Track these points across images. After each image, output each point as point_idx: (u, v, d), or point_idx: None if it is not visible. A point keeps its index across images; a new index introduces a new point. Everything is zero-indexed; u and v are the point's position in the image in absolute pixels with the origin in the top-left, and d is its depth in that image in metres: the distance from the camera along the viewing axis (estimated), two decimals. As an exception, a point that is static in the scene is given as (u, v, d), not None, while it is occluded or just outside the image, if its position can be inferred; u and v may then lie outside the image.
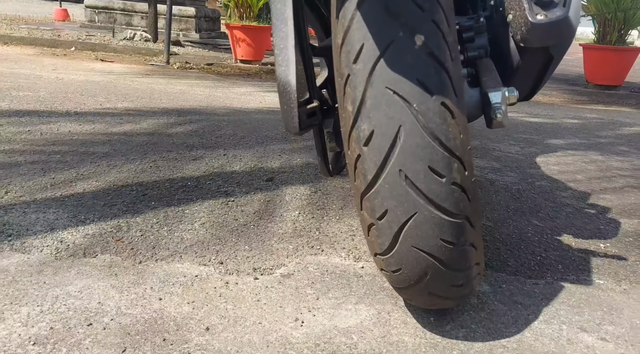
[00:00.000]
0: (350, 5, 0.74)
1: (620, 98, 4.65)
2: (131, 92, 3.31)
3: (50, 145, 1.91)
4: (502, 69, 1.09)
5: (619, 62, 4.72)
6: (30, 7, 16.10)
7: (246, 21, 5.88)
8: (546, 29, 0.98)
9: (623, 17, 4.57)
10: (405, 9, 0.71)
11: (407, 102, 0.70)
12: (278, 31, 0.78)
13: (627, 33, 4.72)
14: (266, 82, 4.76)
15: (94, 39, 6.33)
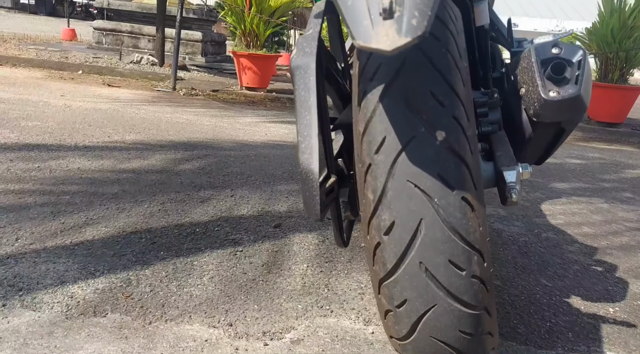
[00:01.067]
0: (373, 97, 0.75)
1: (622, 135, 4.68)
2: (138, 123, 3.33)
3: (60, 185, 1.91)
4: (514, 139, 1.11)
5: (621, 100, 4.76)
6: (38, 24, 16.29)
7: (253, 49, 5.94)
8: (558, 106, 1.00)
9: (625, 56, 4.64)
10: (426, 105, 0.73)
11: (428, 196, 0.71)
12: (302, 118, 0.79)
13: (628, 72, 4.78)
14: (271, 111, 4.80)
15: (101, 61, 6.39)
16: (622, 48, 4.58)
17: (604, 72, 4.84)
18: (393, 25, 0.61)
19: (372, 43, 0.62)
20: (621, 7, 4.63)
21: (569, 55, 1.05)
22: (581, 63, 1.04)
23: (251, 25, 5.90)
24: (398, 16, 0.61)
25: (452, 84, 0.74)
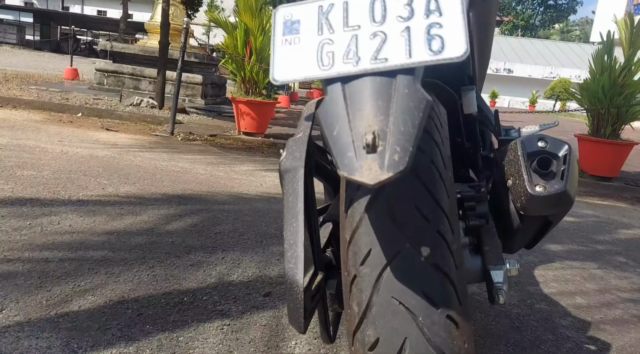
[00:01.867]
0: (359, 207, 0.76)
1: (615, 190, 4.71)
2: (133, 171, 3.34)
3: (49, 246, 1.90)
4: (502, 229, 1.11)
5: (614, 155, 4.82)
6: (41, 62, 16.58)
7: (252, 96, 6.03)
8: (545, 201, 1.01)
9: (616, 112, 4.72)
10: (411, 219, 0.73)
11: (413, 314, 0.71)
12: (288, 225, 0.79)
13: (620, 127, 4.85)
14: (268, 158, 4.82)
15: (101, 103, 6.47)
16: (613, 104, 4.67)
17: (596, 126, 4.92)
18: (376, 159, 0.62)
19: (355, 176, 0.62)
20: (611, 65, 4.75)
21: (554, 149, 1.07)
22: (567, 157, 1.05)
23: (251, 73, 6.01)
24: (381, 151, 0.62)
25: (437, 198, 0.75)
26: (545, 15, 62.38)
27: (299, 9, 0.77)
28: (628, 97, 4.71)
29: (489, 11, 1.27)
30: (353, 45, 0.72)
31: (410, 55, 0.69)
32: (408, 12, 0.71)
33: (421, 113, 0.66)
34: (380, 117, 0.66)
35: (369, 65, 0.70)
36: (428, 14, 0.70)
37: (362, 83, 0.70)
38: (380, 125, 0.65)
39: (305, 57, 0.74)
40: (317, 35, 0.74)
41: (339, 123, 0.68)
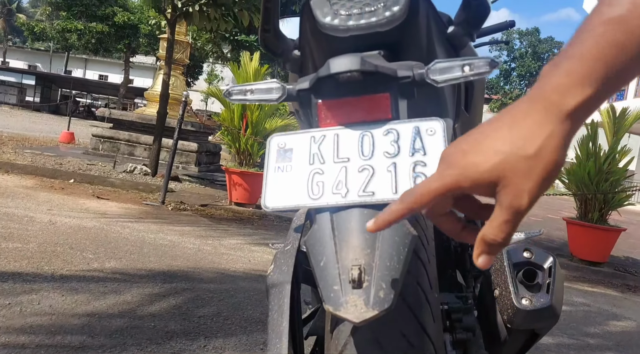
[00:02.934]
0: (345, 330, 0.75)
1: (605, 276, 4.70)
2: (121, 245, 3.31)
3: (27, 330, 1.84)
4: (488, 340, 1.10)
5: (602, 240, 4.85)
6: (39, 124, 16.80)
7: (245, 167, 6.11)
8: (531, 315, 1.01)
9: (603, 198, 4.80)
10: (396, 346, 0.73)
11: None
12: (272, 345, 0.78)
13: (607, 213, 4.92)
14: (257, 231, 4.80)
15: (94, 169, 6.50)
16: (600, 190, 4.77)
17: (584, 211, 4.99)
18: (362, 295, 0.63)
19: (341, 311, 0.63)
20: (596, 152, 4.89)
21: (540, 261, 1.09)
22: (552, 270, 1.07)
23: (246, 145, 6.13)
24: (366, 287, 0.63)
25: (423, 323, 0.75)
26: (532, 95, 64.67)
27: (293, 138, 0.81)
28: (613, 184, 4.81)
29: (473, 120, 1.32)
30: (342, 176, 0.74)
31: (396, 191, 0.71)
32: (394, 149, 0.75)
33: (406, 248, 0.68)
34: (366, 251, 0.67)
35: (356, 197, 0.72)
36: (413, 152, 0.74)
37: (350, 215, 0.72)
38: (366, 259, 0.66)
39: (296, 185, 0.76)
40: (308, 165, 0.77)
41: (326, 254, 0.70)
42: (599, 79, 0.45)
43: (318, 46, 0.95)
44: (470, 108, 1.26)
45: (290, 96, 0.84)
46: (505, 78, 64.65)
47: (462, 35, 1.01)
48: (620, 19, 0.44)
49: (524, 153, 0.47)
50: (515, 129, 0.48)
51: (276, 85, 0.85)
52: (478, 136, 0.51)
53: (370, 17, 0.85)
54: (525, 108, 0.49)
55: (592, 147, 4.95)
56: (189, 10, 6.71)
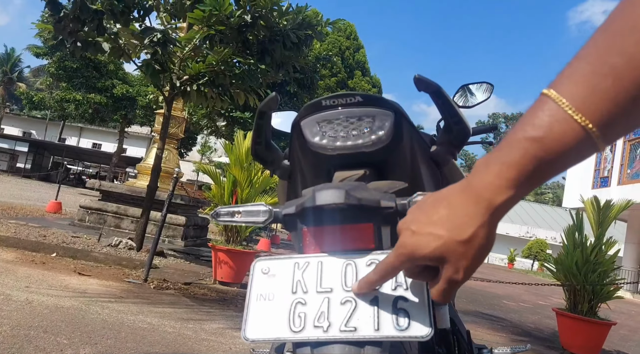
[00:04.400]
0: None
1: (598, 373, 4.57)
2: (98, 328, 3.19)
3: None
4: None
5: (593, 333, 4.76)
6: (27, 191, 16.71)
7: (232, 245, 6.05)
8: None
9: (592, 289, 4.77)
10: None
11: None
12: None
13: (597, 305, 4.86)
14: (241, 313, 4.64)
15: (78, 242, 6.39)
16: (588, 281, 4.74)
17: (573, 302, 4.93)
18: None
19: None
20: (583, 242, 4.92)
21: None
22: None
23: (233, 223, 6.10)
24: None
25: None
26: (518, 178, 66.03)
27: (277, 264, 0.81)
28: (602, 275, 4.80)
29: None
30: (325, 308, 0.74)
31: (378, 328, 0.71)
32: None
33: None
34: None
35: (338, 333, 0.72)
36: (395, 286, 0.74)
37: (331, 351, 0.71)
38: None
39: (277, 316, 0.76)
40: (291, 294, 0.77)
41: None
42: (521, 184, 0.57)
43: (307, 161, 0.99)
44: None
45: (277, 219, 0.86)
46: (492, 159, 66.08)
47: (444, 153, 1.05)
48: (540, 139, 0.55)
49: (460, 239, 0.59)
50: (452, 218, 0.60)
51: (263, 208, 0.87)
52: (423, 218, 0.63)
53: (357, 140, 0.89)
54: (460, 200, 0.61)
55: (578, 236, 4.99)
56: (186, 89, 6.93)
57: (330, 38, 27.17)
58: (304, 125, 0.95)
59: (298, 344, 0.74)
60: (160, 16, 7.24)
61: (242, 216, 0.88)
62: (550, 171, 0.56)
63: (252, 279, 0.81)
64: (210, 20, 6.13)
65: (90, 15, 5.98)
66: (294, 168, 1.06)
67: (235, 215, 0.89)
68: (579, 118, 0.53)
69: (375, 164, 0.94)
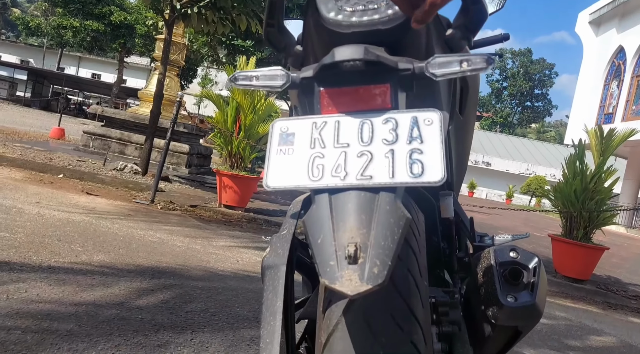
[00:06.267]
0: (336, 310, 0.78)
1: (587, 293, 4.76)
2: (109, 239, 3.30)
3: (13, 316, 1.84)
4: (473, 336, 1.13)
5: (586, 258, 4.92)
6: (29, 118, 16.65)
7: (236, 170, 6.12)
8: (515, 312, 1.05)
9: (588, 216, 4.88)
10: (386, 328, 0.76)
11: None
12: (266, 323, 0.81)
13: (592, 231, 4.99)
14: (246, 233, 4.81)
15: (84, 166, 6.47)
16: (585, 208, 4.84)
17: (569, 228, 5.06)
18: (357, 270, 0.66)
19: (336, 285, 0.66)
20: (583, 171, 4.98)
21: (525, 261, 1.12)
22: (536, 270, 1.10)
23: (238, 148, 6.14)
24: (361, 262, 0.66)
25: (412, 308, 0.78)
26: (522, 115, 65.68)
27: (295, 123, 0.84)
28: (599, 202, 4.89)
29: (467, 123, 1.37)
30: (342, 161, 0.78)
31: (392, 175, 0.75)
32: (393, 136, 0.78)
33: (400, 229, 0.71)
34: (362, 230, 0.70)
35: (355, 180, 0.76)
36: (411, 140, 0.77)
37: (348, 197, 0.75)
38: (362, 238, 0.69)
39: (297, 167, 0.79)
40: (309, 149, 0.80)
41: (323, 232, 0.73)
42: None
43: (321, 41, 0.98)
44: (464, 111, 1.31)
45: (293, 83, 0.87)
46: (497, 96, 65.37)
47: (459, 38, 1.05)
48: None
49: None
50: None
51: (281, 72, 0.88)
52: None
53: (373, 15, 0.88)
54: None
55: (579, 165, 5.04)
56: (187, 12, 6.74)
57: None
58: (319, 0, 0.94)
59: (316, 191, 0.78)
60: None
61: (259, 81, 0.90)
62: None
63: (271, 137, 0.84)
64: (212, -64, 5.86)
65: None
66: (307, 54, 1.05)
67: (252, 79, 0.90)
68: None
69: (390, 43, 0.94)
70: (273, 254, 0.87)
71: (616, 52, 19.59)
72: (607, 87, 20.12)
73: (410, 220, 0.73)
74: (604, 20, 20.36)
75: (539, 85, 63.99)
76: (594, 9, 20.76)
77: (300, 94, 0.91)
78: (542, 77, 63.60)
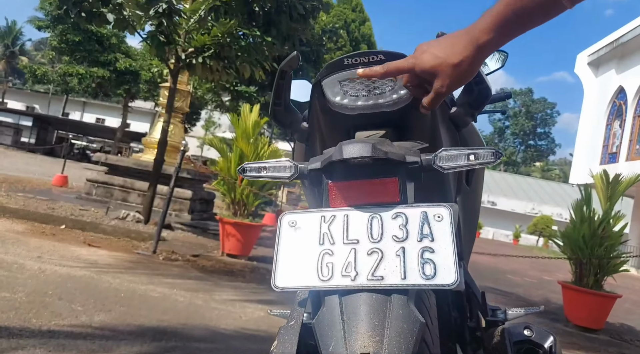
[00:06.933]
0: None
1: (601, 344, 4.62)
2: (110, 296, 3.23)
3: (10, 389, 1.77)
4: None
5: (598, 306, 4.80)
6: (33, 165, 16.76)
7: (239, 218, 6.08)
8: None
9: (598, 263, 4.79)
10: None
11: None
12: None
13: (602, 278, 4.89)
14: (249, 284, 4.72)
15: (86, 215, 6.44)
16: (595, 255, 4.76)
17: (579, 275, 4.96)
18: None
19: None
20: (590, 216, 4.92)
21: (540, 339, 1.08)
22: (552, 349, 1.06)
23: (241, 196, 6.12)
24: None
25: None
26: (526, 154, 66.08)
27: (303, 217, 0.82)
28: (608, 248, 4.82)
29: (474, 193, 1.35)
30: (352, 258, 0.75)
31: (404, 276, 0.72)
32: (403, 233, 0.76)
33: (414, 336, 0.68)
34: (375, 338, 0.67)
35: (365, 281, 0.73)
36: (421, 237, 0.75)
37: (359, 299, 0.72)
38: (375, 347, 0.66)
39: (306, 265, 0.77)
40: (318, 245, 0.78)
41: (334, 338, 0.70)
42: (499, 29, 0.81)
43: (327, 121, 0.99)
44: (471, 181, 1.29)
45: (302, 174, 0.86)
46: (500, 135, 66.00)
47: (464, 115, 1.05)
48: None
49: (451, 62, 0.83)
50: (451, 46, 0.84)
51: (288, 163, 0.88)
52: (434, 44, 0.86)
53: (378, 99, 0.90)
54: (460, 36, 0.85)
55: (586, 210, 4.99)
56: (192, 62, 6.87)
57: (335, 10, 26.82)
58: (325, 84, 0.96)
59: (326, 292, 0.76)
60: (165, -14, 7.13)
61: (267, 172, 0.89)
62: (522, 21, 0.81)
63: (279, 232, 0.83)
64: (216, -9, 6.04)
65: (95, -16, 5.89)
66: (312, 130, 1.06)
67: (261, 171, 0.90)
68: None
69: (395, 124, 0.94)
70: (281, 347, 0.83)
71: (617, 92, 19.83)
72: (610, 127, 20.27)
73: (424, 324, 0.70)
74: (603, 61, 20.69)
75: (541, 123, 64.66)
76: (592, 51, 21.12)
77: (308, 184, 0.91)
78: (544, 116, 64.34)
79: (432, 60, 0.83)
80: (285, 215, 0.84)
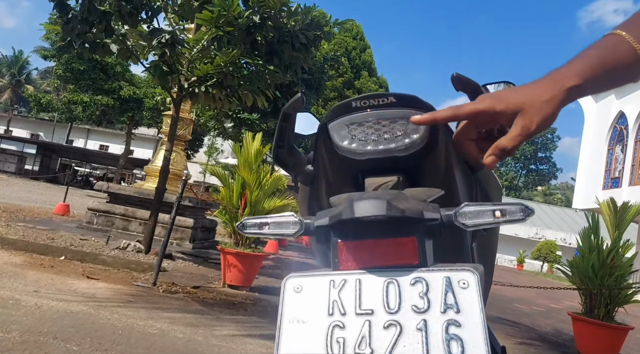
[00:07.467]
0: None
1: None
2: (108, 333, 3.13)
3: None
4: None
5: (610, 338, 4.66)
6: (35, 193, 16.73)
7: (241, 248, 5.98)
8: None
9: (608, 293, 4.67)
10: None
11: None
12: None
13: (614, 309, 4.76)
14: (251, 318, 4.60)
15: (86, 245, 6.36)
16: (605, 285, 4.64)
17: (590, 306, 4.83)
18: None
19: None
20: (599, 245, 4.82)
21: None
22: None
23: (242, 225, 6.03)
24: None
25: None
26: (527, 178, 65.90)
27: (310, 281, 0.74)
28: (619, 279, 4.70)
29: (490, 238, 1.27)
30: (366, 332, 0.67)
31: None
32: (424, 303, 0.68)
33: None
34: None
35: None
36: (445, 308, 0.67)
37: None
38: None
39: (313, 341, 0.68)
40: (327, 316, 0.70)
41: None
42: (588, 77, 0.79)
43: (333, 166, 0.93)
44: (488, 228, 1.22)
45: (307, 231, 0.79)
46: (500, 160, 65.84)
47: None
48: (607, 51, 0.81)
49: (540, 99, 0.77)
50: (536, 88, 0.78)
51: (293, 218, 0.80)
52: (504, 92, 0.80)
53: (389, 144, 0.83)
54: (540, 82, 0.80)
55: (594, 239, 4.89)
56: (194, 91, 6.88)
57: (336, 38, 27.13)
58: (331, 127, 0.89)
59: None
60: (168, 17, 7.20)
61: (270, 228, 0.81)
62: (608, 75, 0.80)
63: (283, 298, 0.74)
64: (219, 21, 6.08)
65: (99, 16, 5.94)
66: (318, 174, 1.00)
67: (263, 227, 0.82)
68: (637, 46, 0.80)
69: (407, 169, 0.87)
70: None
71: (617, 117, 19.86)
72: (612, 152, 20.22)
73: None
74: (602, 87, 20.78)
75: (542, 148, 64.67)
76: (591, 77, 21.25)
77: (315, 241, 0.83)
78: (544, 141, 64.40)
79: (518, 97, 0.77)
80: (290, 279, 0.75)
